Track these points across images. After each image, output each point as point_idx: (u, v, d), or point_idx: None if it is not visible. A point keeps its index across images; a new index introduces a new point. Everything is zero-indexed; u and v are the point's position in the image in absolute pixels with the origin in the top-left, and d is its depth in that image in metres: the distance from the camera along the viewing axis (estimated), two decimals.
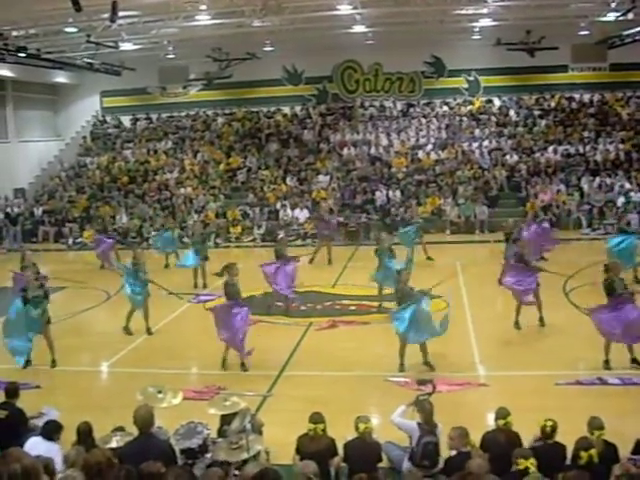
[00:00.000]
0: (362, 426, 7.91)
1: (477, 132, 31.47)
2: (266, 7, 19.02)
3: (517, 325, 14.28)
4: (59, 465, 6.79)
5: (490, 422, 8.45)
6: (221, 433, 8.35)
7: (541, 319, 14.37)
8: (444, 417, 8.32)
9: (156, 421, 7.39)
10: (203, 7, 21.52)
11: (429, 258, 21.27)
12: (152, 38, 26.48)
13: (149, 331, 15.19)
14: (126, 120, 36.89)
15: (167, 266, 22.06)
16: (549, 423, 7.47)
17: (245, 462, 7.26)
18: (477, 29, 27.95)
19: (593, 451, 6.78)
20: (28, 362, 13.33)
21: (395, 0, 18.46)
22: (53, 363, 13.27)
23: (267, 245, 24.10)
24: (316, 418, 7.93)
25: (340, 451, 7.94)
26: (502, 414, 7.80)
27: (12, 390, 9.02)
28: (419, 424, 8.03)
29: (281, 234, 20.17)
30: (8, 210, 30.67)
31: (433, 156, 30.52)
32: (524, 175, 28.69)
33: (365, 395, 11.22)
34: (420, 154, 30.83)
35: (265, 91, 34.51)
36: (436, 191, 28.32)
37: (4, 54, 25.04)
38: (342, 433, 8.03)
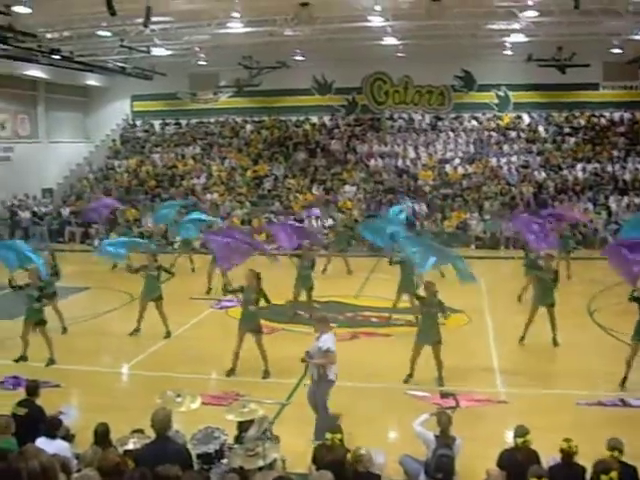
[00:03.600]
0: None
1: (505, 148, 31.34)
2: (298, 16, 19.08)
3: (522, 341, 14.31)
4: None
5: (509, 439, 8.37)
6: (238, 440, 8.34)
7: (554, 339, 14.25)
8: (463, 432, 8.27)
9: (174, 425, 7.40)
10: (235, 15, 21.67)
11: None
12: (184, 44, 26.67)
13: (168, 334, 15.25)
14: (155, 124, 37.15)
15: (194, 270, 22.12)
16: (569, 443, 7.37)
17: (261, 469, 7.25)
18: (508, 44, 27.86)
19: (613, 474, 6.67)
20: (22, 358, 13.54)
21: (427, 13, 18.40)
22: (50, 362, 13.46)
23: (291, 253, 24.07)
24: (334, 428, 7.90)
25: None
26: (521, 432, 7.70)
27: (33, 388, 9.08)
28: (436, 436, 7.97)
29: (305, 242, 20.05)
30: (36, 209, 30.97)
31: (460, 170, 30.43)
32: (551, 192, 28.51)
33: (384, 407, 11.16)
34: (447, 168, 30.76)
35: (294, 100, 34.61)
36: (462, 205, 28.24)
37: (38, 56, 25.40)
38: (359, 444, 7.97)
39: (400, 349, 12.94)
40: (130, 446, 7.43)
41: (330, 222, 27.03)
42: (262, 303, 12.92)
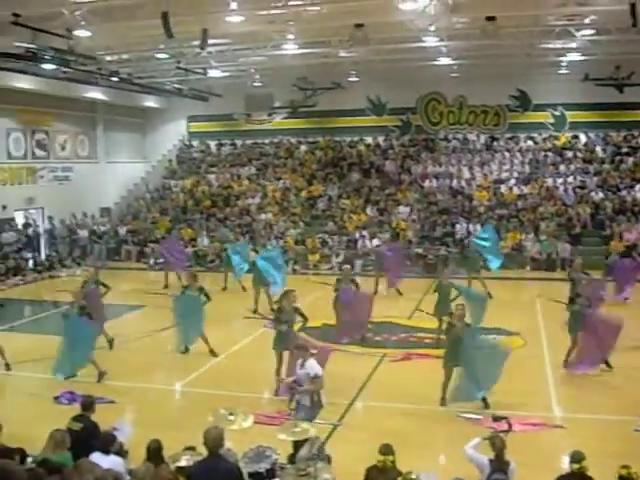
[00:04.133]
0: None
1: (562, 168, 30.91)
2: (352, 38, 19.14)
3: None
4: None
5: (564, 465, 8.19)
6: (292, 459, 8.32)
7: (606, 362, 13.96)
8: (517, 457, 8.10)
9: (226, 443, 7.41)
10: (290, 37, 21.86)
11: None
12: (239, 66, 27.01)
13: (212, 353, 15.32)
14: (211, 145, 37.60)
15: (244, 289, 22.24)
16: (628, 470, 7.17)
17: None
18: (565, 63, 27.60)
19: None
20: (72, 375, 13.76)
21: (482, 33, 18.33)
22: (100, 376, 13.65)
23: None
24: (386, 450, 7.78)
25: None
26: (577, 458, 7.51)
27: (88, 404, 9.20)
28: (490, 460, 7.82)
29: (357, 264, 20.08)
30: (94, 228, 31.54)
31: (516, 191, 30.10)
32: (609, 213, 28.01)
33: (436, 430, 11.06)
34: (502, 188, 30.45)
35: (348, 121, 34.66)
36: (517, 226, 27.89)
37: (97, 78, 25.98)
38: (410, 466, 7.88)
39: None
40: (182, 463, 7.46)
41: (376, 242, 26.88)
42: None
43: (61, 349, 13.69)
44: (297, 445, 8.32)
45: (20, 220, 29.03)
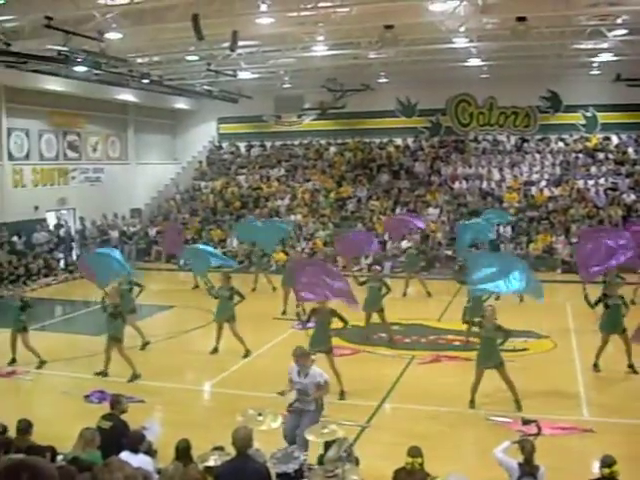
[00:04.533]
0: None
1: (593, 169, 30.61)
2: (382, 39, 19.11)
3: (596, 368, 13.94)
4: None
5: (595, 470, 8.11)
6: (320, 460, 8.32)
7: (631, 366, 13.82)
8: (547, 460, 8.02)
9: (254, 443, 7.43)
10: (320, 38, 21.90)
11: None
12: (269, 68, 27.08)
13: (247, 353, 15.40)
14: (241, 146, 37.75)
15: (274, 289, 22.30)
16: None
17: None
18: (596, 64, 27.34)
19: None
20: (102, 373, 13.92)
21: (512, 34, 18.22)
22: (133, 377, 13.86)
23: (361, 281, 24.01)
24: (414, 452, 7.75)
25: None
26: (608, 462, 7.43)
27: (117, 402, 9.27)
28: (520, 464, 7.76)
29: (386, 265, 20.03)
30: (124, 229, 31.81)
31: (546, 192, 29.86)
32: None
33: (464, 432, 11.01)
34: (533, 190, 30.24)
35: (378, 122, 34.61)
36: (548, 228, 27.68)
37: (128, 80, 26.21)
38: (439, 469, 7.85)
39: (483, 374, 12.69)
40: (211, 463, 7.49)
41: (405, 244, 26.80)
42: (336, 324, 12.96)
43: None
44: (327, 446, 8.32)
45: (52, 221, 29.36)
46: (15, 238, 26.61)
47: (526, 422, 9.28)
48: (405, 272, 23.28)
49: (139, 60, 24.26)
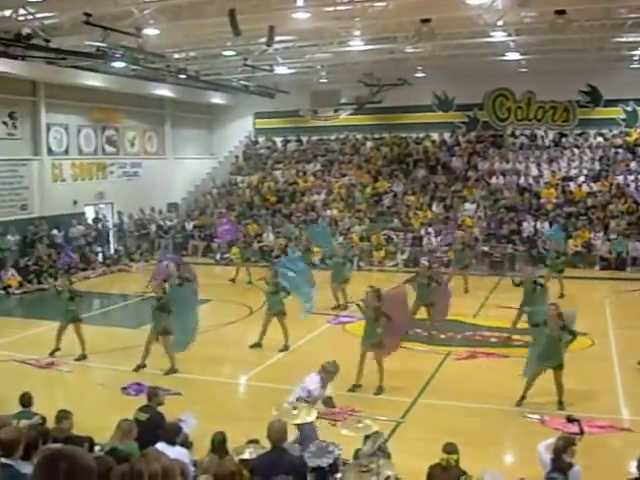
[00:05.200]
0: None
1: (633, 165, 30.15)
2: (419, 33, 19.00)
3: None
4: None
5: (632, 469, 8.01)
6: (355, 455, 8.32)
7: None
8: (583, 459, 7.93)
9: (289, 437, 7.46)
10: (356, 33, 21.84)
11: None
12: (306, 62, 27.08)
13: (286, 348, 15.46)
14: (277, 141, 37.84)
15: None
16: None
17: None
18: (637, 57, 26.92)
19: None
20: (140, 366, 14.11)
21: (551, 27, 18.01)
22: (172, 370, 14.00)
23: (409, 271, 23.93)
24: (450, 448, 7.72)
25: None
26: None
27: (154, 395, 9.37)
28: (552, 459, 7.69)
29: (423, 261, 19.93)
30: (161, 223, 32.07)
31: (585, 188, 29.50)
32: None
33: (500, 429, 10.95)
34: (571, 186, 29.89)
35: (415, 117, 34.44)
36: (586, 224, 27.36)
37: (165, 75, 26.39)
38: (474, 466, 7.80)
39: (518, 370, 12.63)
40: (246, 455, 7.53)
41: (449, 240, 26.70)
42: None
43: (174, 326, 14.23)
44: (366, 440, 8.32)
45: (90, 215, 29.69)
46: (54, 231, 26.98)
47: (570, 420, 9.18)
48: (450, 268, 23.17)
49: (176, 55, 24.40)
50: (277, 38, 19.36)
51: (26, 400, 9.26)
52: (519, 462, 9.18)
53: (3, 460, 5.42)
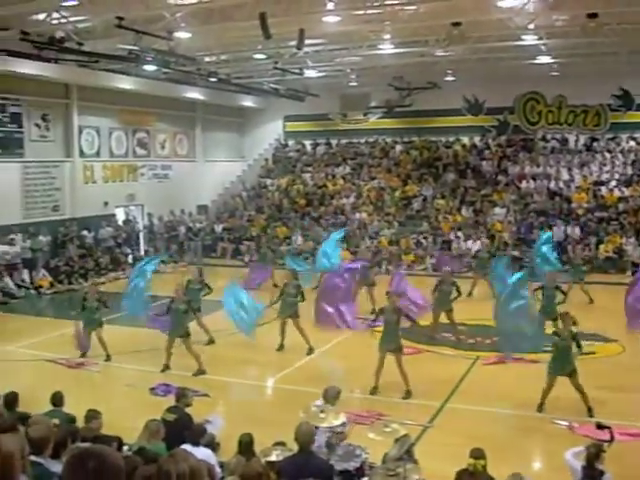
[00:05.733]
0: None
1: None
2: (450, 37, 18.96)
3: None
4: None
5: None
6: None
7: None
8: (613, 467, 7.83)
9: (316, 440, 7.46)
10: (387, 36, 21.82)
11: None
12: (336, 66, 27.11)
13: (310, 351, 15.47)
14: (307, 144, 37.89)
15: None
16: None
17: None
18: None
19: None
20: (166, 367, 14.27)
21: (583, 31, 17.88)
22: (199, 372, 14.07)
23: (438, 275, 23.83)
24: (477, 453, 7.66)
25: None
26: None
27: (183, 396, 9.42)
28: (583, 467, 7.61)
29: (446, 268, 19.89)
30: (191, 225, 32.25)
31: (616, 193, 29.17)
32: None
33: (528, 435, 10.86)
34: (603, 190, 29.58)
35: (444, 121, 34.29)
36: (618, 230, 27.07)
37: (197, 78, 26.55)
38: (501, 471, 7.73)
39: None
40: (273, 458, 7.55)
41: (478, 246, 26.57)
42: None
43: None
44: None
45: (121, 216, 29.94)
46: (84, 232, 27.23)
47: (600, 427, 9.08)
48: (474, 273, 23.11)
49: (207, 59, 24.55)
50: (307, 41, 19.39)
51: (57, 399, 9.35)
52: (547, 468, 9.09)
53: (33, 458, 5.48)
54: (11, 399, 9.22)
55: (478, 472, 7.54)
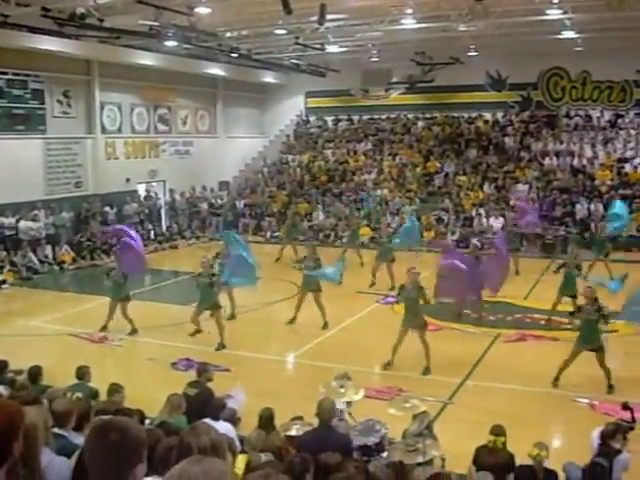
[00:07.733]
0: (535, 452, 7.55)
1: None
2: (472, 11, 18.78)
3: None
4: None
5: None
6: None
7: None
8: (632, 446, 7.83)
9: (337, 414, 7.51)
10: (409, 11, 21.62)
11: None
12: (357, 41, 26.89)
13: (325, 325, 15.54)
14: (328, 120, 37.75)
15: (362, 264, 22.51)
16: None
17: (420, 465, 7.21)
18: None
19: None
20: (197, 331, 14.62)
21: (608, 5, 17.62)
22: (221, 346, 14.20)
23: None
24: (498, 430, 7.69)
25: None
26: None
27: (204, 371, 9.50)
28: (599, 444, 7.61)
29: (474, 241, 19.78)
30: (212, 201, 32.34)
31: None
32: None
33: (548, 413, 10.84)
34: (627, 167, 29.25)
35: (467, 96, 33.99)
36: None
37: (217, 54, 26.49)
38: (521, 448, 7.74)
39: (567, 354, 12.49)
40: (293, 432, 7.60)
41: (500, 223, 26.40)
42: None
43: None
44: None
45: (142, 192, 30.05)
46: (107, 209, 27.37)
47: (625, 407, 9.04)
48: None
49: (228, 34, 24.43)
50: (328, 16, 19.27)
51: (82, 373, 9.47)
52: (567, 445, 9.08)
53: (56, 430, 5.57)
54: (35, 372, 9.37)
55: (498, 449, 7.57)
